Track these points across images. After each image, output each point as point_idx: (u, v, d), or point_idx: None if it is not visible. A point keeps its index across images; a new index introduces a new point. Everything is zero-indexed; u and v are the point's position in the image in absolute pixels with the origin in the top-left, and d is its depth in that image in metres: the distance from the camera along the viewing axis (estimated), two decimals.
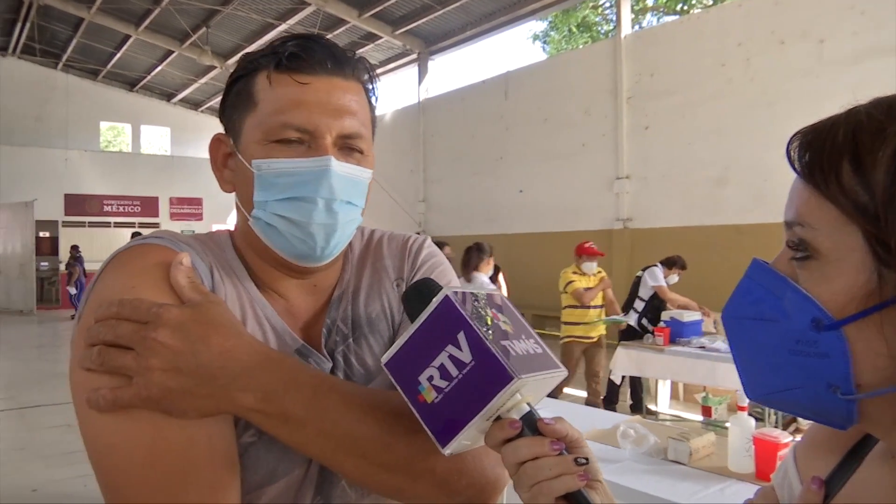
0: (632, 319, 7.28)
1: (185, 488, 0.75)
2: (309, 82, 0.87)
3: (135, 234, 11.69)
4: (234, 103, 0.92)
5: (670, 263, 7.41)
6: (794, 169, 0.64)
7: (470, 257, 6.38)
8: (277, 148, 0.87)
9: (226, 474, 0.79)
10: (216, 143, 0.96)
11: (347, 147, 0.90)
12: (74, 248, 17.50)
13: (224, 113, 0.95)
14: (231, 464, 0.80)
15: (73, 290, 16.80)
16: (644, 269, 7.45)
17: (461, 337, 0.69)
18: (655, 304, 7.20)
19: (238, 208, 0.95)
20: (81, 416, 0.78)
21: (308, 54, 0.88)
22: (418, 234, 1.12)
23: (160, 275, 0.82)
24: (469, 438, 0.70)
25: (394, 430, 0.81)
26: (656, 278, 7.20)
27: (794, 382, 0.64)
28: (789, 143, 0.64)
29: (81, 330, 0.80)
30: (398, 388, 0.72)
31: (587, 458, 0.71)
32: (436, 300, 0.71)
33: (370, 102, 0.96)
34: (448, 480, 0.83)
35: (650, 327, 6.99)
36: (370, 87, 0.96)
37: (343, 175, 0.88)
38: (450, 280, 1.04)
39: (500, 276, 7.81)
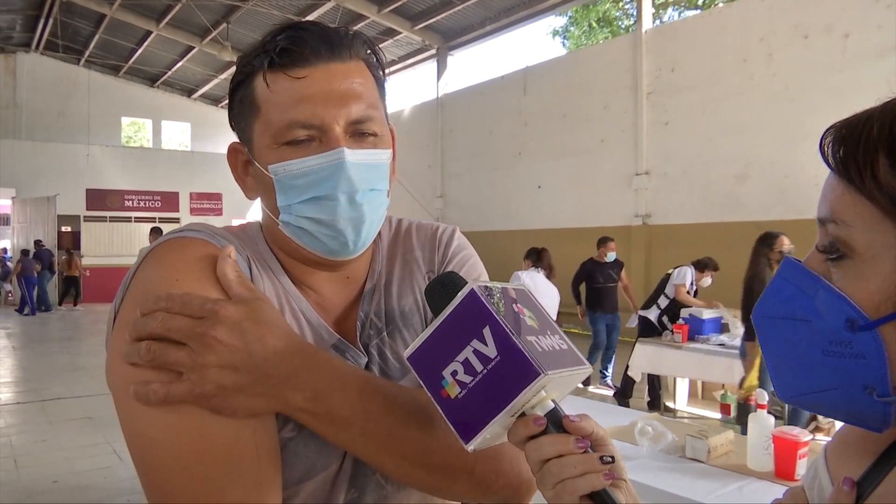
0: (652, 315, 7.23)
1: (231, 483, 0.75)
2: (305, 75, 0.84)
3: (154, 230, 11.74)
4: (240, 111, 0.90)
5: (702, 266, 7.33)
6: (828, 164, 0.62)
7: (542, 257, 6.46)
8: (289, 150, 0.85)
9: (270, 469, 0.79)
10: (233, 152, 0.94)
11: (359, 133, 0.87)
12: (37, 243, 17.56)
13: (233, 121, 0.93)
14: (275, 459, 0.80)
15: (7, 287, 16.59)
16: (676, 268, 7.39)
17: (486, 332, 0.68)
18: (679, 303, 7.15)
19: (264, 212, 0.94)
20: (124, 411, 0.77)
21: (300, 45, 0.84)
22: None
23: (204, 268, 0.81)
24: (492, 435, 0.69)
25: (434, 432, 0.82)
26: (680, 277, 7.12)
27: (828, 384, 0.62)
28: (823, 138, 0.63)
29: (122, 324, 0.79)
30: (421, 382, 0.71)
31: (612, 457, 0.69)
32: (461, 294, 0.70)
33: (376, 77, 0.92)
34: (486, 481, 0.85)
35: (670, 325, 6.94)
36: (373, 60, 0.92)
37: (359, 163, 0.85)
38: (480, 273, 1.04)
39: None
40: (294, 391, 0.77)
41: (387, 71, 0.95)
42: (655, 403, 6.93)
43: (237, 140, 0.94)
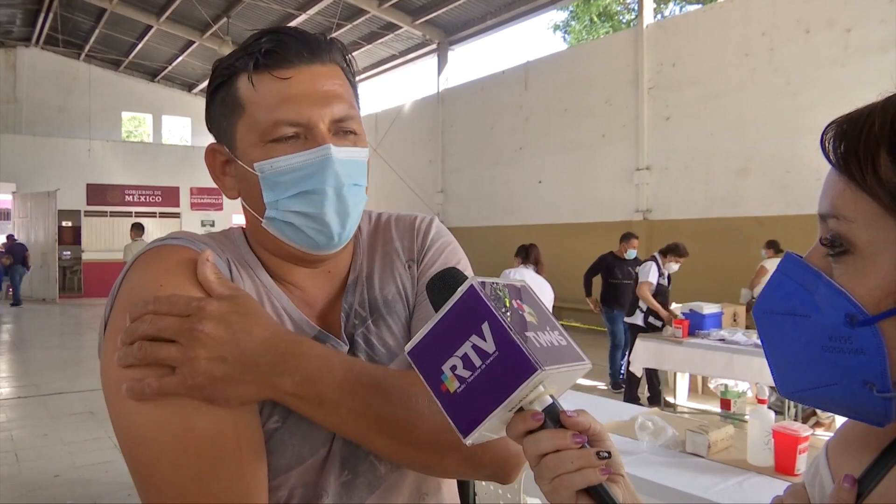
0: (638, 320, 7.13)
1: (215, 475, 0.78)
2: (291, 76, 0.88)
3: (134, 225, 11.80)
4: (222, 112, 0.93)
5: (666, 251, 7.20)
6: (829, 160, 0.62)
7: (530, 253, 6.41)
8: (275, 147, 0.88)
9: (253, 461, 0.82)
10: (211, 153, 0.97)
11: (342, 131, 0.91)
12: (9, 238, 17.74)
13: (213, 122, 0.96)
14: (257, 451, 0.83)
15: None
16: (641, 265, 7.26)
17: (485, 327, 0.68)
18: (658, 300, 7.10)
19: (246, 211, 0.97)
20: (114, 410, 0.80)
21: (284, 48, 0.88)
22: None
23: (185, 272, 0.85)
24: (491, 429, 0.70)
25: (421, 410, 0.85)
26: (644, 273, 7.02)
27: (828, 379, 0.62)
28: (824, 134, 0.63)
29: (113, 330, 0.83)
30: (421, 376, 0.72)
31: (609, 452, 0.70)
32: (461, 290, 0.71)
33: (350, 81, 0.96)
34: (474, 455, 0.88)
35: (658, 323, 6.92)
36: (347, 66, 0.96)
37: (344, 160, 0.90)
38: (460, 259, 1.06)
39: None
40: (283, 377, 0.80)
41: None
42: (655, 398, 6.92)
43: (214, 141, 0.97)
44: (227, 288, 0.84)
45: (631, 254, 7.83)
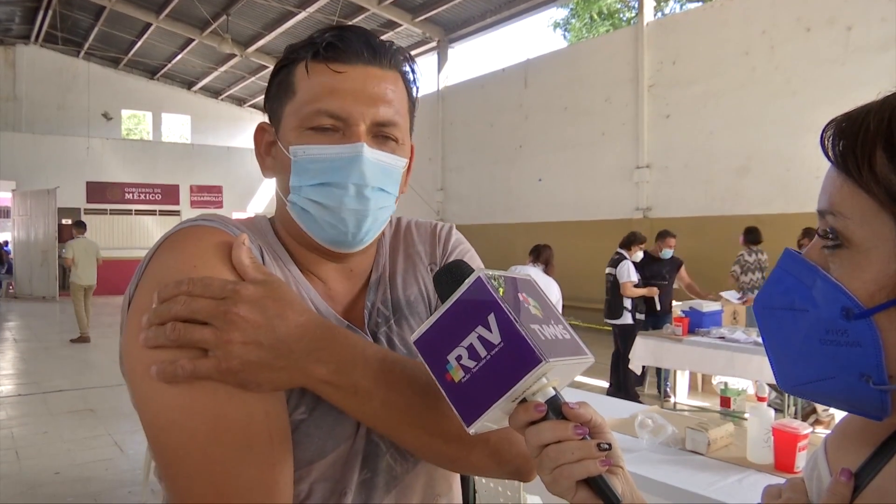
0: (628, 318, 7.11)
1: (244, 464, 0.77)
2: (344, 71, 0.90)
3: (76, 223, 11.52)
4: (276, 93, 0.95)
5: (628, 243, 7.19)
6: (828, 157, 0.64)
7: (541, 253, 6.45)
8: (313, 135, 0.90)
9: (281, 450, 0.81)
10: (260, 131, 0.99)
11: (382, 135, 0.92)
12: None
13: (267, 102, 0.98)
14: (286, 440, 0.83)
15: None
16: (614, 266, 7.18)
17: (491, 318, 0.69)
18: (642, 297, 7.09)
19: (277, 194, 0.98)
20: (141, 393, 0.79)
21: (345, 44, 0.90)
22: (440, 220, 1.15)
23: (219, 255, 0.84)
24: (494, 419, 0.71)
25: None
26: (624, 274, 7.02)
27: (826, 372, 0.63)
28: (824, 132, 0.64)
29: (138, 309, 0.81)
30: (426, 366, 0.73)
31: (610, 444, 0.71)
32: (468, 281, 0.72)
33: (409, 92, 0.98)
34: (499, 450, 0.88)
35: (642, 317, 6.95)
36: (410, 76, 0.98)
37: (375, 162, 0.90)
38: (478, 265, 1.06)
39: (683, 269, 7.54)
40: (317, 364, 0.80)
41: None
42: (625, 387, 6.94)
43: (267, 121, 1.00)
44: (261, 273, 0.84)
45: (666, 253, 7.32)
